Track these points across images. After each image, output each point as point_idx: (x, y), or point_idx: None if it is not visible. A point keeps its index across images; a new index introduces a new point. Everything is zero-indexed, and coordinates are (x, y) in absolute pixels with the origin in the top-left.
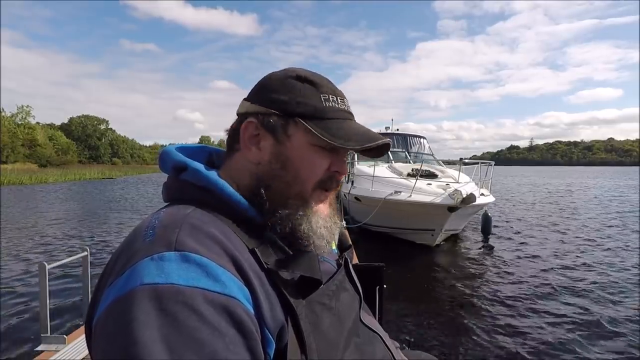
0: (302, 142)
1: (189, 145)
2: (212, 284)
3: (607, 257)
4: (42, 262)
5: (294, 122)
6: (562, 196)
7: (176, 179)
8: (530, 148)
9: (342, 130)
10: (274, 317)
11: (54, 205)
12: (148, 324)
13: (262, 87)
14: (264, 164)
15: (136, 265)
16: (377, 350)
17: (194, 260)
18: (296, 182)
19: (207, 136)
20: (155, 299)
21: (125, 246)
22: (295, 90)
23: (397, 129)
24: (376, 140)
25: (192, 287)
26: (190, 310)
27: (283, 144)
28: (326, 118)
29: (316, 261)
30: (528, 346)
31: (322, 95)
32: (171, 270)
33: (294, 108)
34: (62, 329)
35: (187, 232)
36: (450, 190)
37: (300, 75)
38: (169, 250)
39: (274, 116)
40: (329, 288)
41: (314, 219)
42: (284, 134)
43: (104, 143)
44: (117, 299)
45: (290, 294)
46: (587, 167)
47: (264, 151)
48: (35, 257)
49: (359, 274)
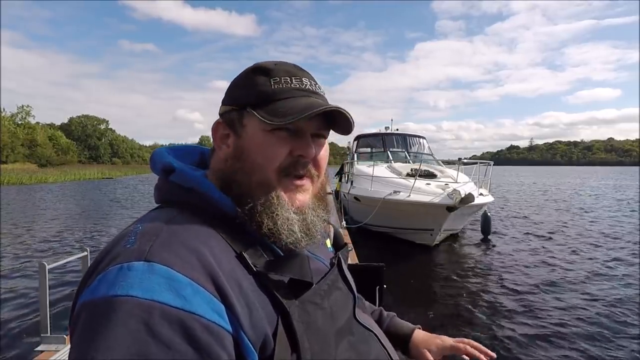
0: (255, 130)
1: (182, 146)
2: (173, 298)
3: (607, 257)
4: (42, 262)
5: (247, 113)
6: (562, 196)
7: (165, 180)
8: (530, 148)
9: (285, 109)
10: (255, 327)
11: (54, 205)
12: (101, 336)
13: (229, 87)
14: (229, 160)
15: (106, 272)
16: (372, 348)
17: (159, 272)
18: (254, 170)
19: (207, 136)
20: (112, 311)
21: (107, 250)
22: (248, 82)
23: (396, 129)
24: (312, 109)
25: (150, 300)
26: (143, 324)
27: (241, 137)
28: (274, 100)
29: (306, 262)
30: (528, 346)
31: (273, 79)
32: (134, 282)
33: (244, 99)
34: (62, 329)
35: (162, 241)
36: (449, 190)
37: (257, 67)
38: (139, 259)
39: (233, 112)
40: (320, 287)
41: (278, 211)
42: (240, 126)
43: (103, 143)
44: (83, 303)
45: (281, 295)
46: (587, 167)
47: (230, 147)
48: (35, 257)
49: (359, 274)
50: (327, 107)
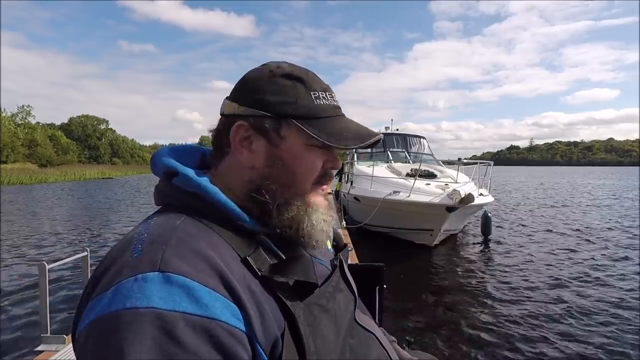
0: (296, 142)
1: (183, 146)
2: (194, 306)
3: (607, 257)
4: (42, 262)
5: (286, 123)
6: (561, 196)
7: (168, 183)
8: (530, 148)
9: (336, 129)
10: (266, 331)
11: (54, 205)
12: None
13: (249, 87)
14: (259, 167)
15: (120, 285)
16: (372, 350)
17: (177, 282)
18: (294, 183)
19: (206, 136)
20: (135, 323)
21: (113, 258)
22: (285, 90)
23: (396, 129)
24: (370, 137)
25: (172, 311)
26: (169, 335)
27: (277, 146)
28: (319, 117)
29: (310, 265)
30: (528, 345)
31: (313, 93)
32: (153, 293)
33: (286, 109)
34: (62, 329)
35: (173, 249)
36: (449, 190)
37: (287, 72)
38: (152, 270)
39: (265, 118)
40: (326, 290)
41: (314, 216)
42: (277, 135)
43: (104, 143)
44: (99, 318)
45: (287, 298)
46: (587, 167)
47: (258, 154)
48: (35, 257)
49: (359, 274)
50: (376, 138)
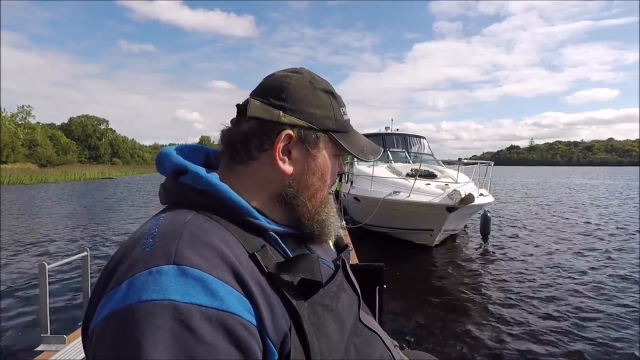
0: (328, 153)
1: (186, 145)
2: (210, 299)
3: (606, 257)
4: (42, 262)
5: (324, 135)
6: (562, 196)
7: (175, 181)
8: (531, 148)
9: (358, 144)
10: (276, 326)
11: (54, 205)
12: (144, 342)
13: (295, 97)
14: (296, 175)
15: (134, 278)
16: (376, 350)
17: (192, 274)
18: (324, 188)
19: (207, 136)
20: (152, 316)
21: (124, 253)
22: (326, 105)
23: (396, 129)
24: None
25: (189, 303)
26: (186, 328)
27: (315, 157)
28: (347, 131)
29: (316, 263)
30: (528, 345)
31: (342, 109)
32: (169, 286)
33: (327, 123)
34: (62, 329)
35: (186, 242)
36: (449, 190)
37: (324, 87)
38: (167, 263)
39: (309, 130)
40: (330, 289)
41: (331, 212)
42: (316, 146)
43: (104, 143)
44: (115, 312)
45: (292, 296)
46: (587, 167)
47: (296, 162)
48: (35, 257)
49: (359, 274)
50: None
